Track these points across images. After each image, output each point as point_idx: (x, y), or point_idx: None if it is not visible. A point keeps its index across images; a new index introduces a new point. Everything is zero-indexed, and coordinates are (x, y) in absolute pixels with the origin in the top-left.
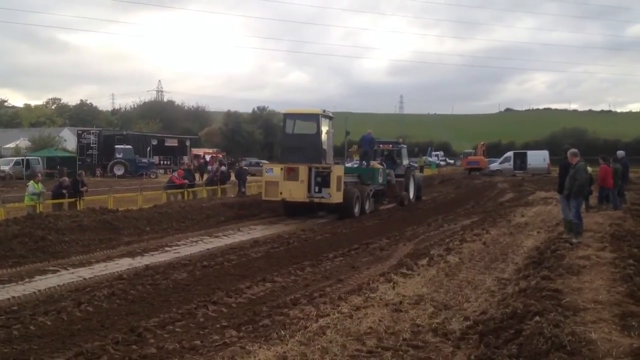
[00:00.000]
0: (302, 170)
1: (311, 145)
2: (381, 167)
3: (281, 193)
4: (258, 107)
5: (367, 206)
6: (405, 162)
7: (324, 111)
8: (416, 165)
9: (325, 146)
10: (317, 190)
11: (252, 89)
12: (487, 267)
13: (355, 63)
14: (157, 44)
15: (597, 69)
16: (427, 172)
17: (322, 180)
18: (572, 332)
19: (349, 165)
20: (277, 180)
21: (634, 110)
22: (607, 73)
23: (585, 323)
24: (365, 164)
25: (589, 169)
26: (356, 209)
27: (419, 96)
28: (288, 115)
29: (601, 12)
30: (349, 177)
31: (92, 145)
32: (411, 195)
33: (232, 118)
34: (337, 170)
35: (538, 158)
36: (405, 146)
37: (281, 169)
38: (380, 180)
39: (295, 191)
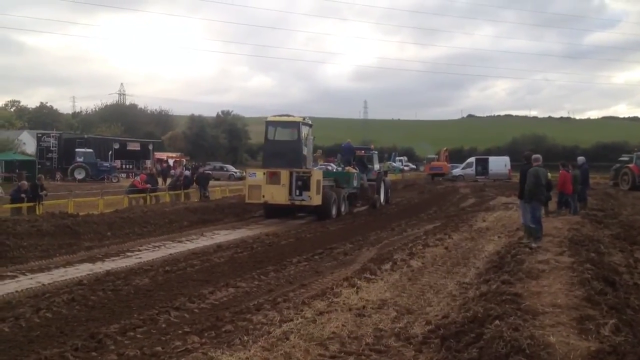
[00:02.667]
0: (284, 174)
1: (292, 151)
2: (355, 171)
3: (264, 196)
4: (222, 111)
5: (342, 208)
6: (377, 166)
7: (304, 119)
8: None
9: (305, 152)
10: (297, 193)
11: (216, 92)
12: (449, 271)
13: (319, 68)
14: (118, 46)
15: (555, 76)
16: (391, 177)
17: (303, 184)
18: (531, 336)
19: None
20: (259, 184)
21: (592, 117)
22: (566, 80)
23: (544, 327)
24: (341, 168)
25: (549, 174)
26: (333, 211)
27: (383, 102)
28: (270, 123)
29: (558, 20)
30: (326, 181)
31: (52, 148)
32: (382, 198)
33: (196, 122)
34: (317, 175)
35: (499, 164)
36: (376, 152)
37: (264, 173)
38: (355, 183)
39: (277, 194)
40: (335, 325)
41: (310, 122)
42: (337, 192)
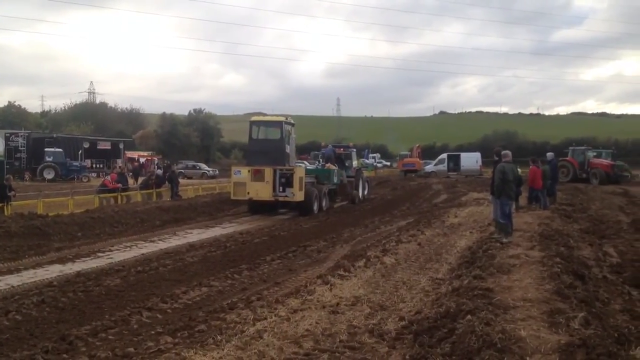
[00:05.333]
0: (268, 172)
1: (276, 149)
2: (335, 168)
3: (248, 193)
4: (194, 110)
5: (324, 204)
6: (355, 164)
7: (287, 118)
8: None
9: (288, 150)
10: (281, 190)
11: (187, 90)
12: (422, 267)
13: (291, 65)
14: (88, 44)
15: (525, 73)
16: (365, 174)
17: (286, 180)
18: (503, 330)
19: None
20: (244, 181)
21: (561, 114)
22: (535, 77)
23: (515, 321)
24: (321, 165)
25: (519, 170)
26: (315, 206)
27: (356, 99)
28: (254, 123)
29: (526, 17)
30: (308, 178)
31: (20, 148)
32: (360, 194)
33: (167, 120)
34: (299, 172)
35: (471, 160)
36: (355, 149)
37: (248, 171)
38: (335, 180)
39: (262, 191)
40: (309, 323)
41: (292, 122)
42: (318, 188)
